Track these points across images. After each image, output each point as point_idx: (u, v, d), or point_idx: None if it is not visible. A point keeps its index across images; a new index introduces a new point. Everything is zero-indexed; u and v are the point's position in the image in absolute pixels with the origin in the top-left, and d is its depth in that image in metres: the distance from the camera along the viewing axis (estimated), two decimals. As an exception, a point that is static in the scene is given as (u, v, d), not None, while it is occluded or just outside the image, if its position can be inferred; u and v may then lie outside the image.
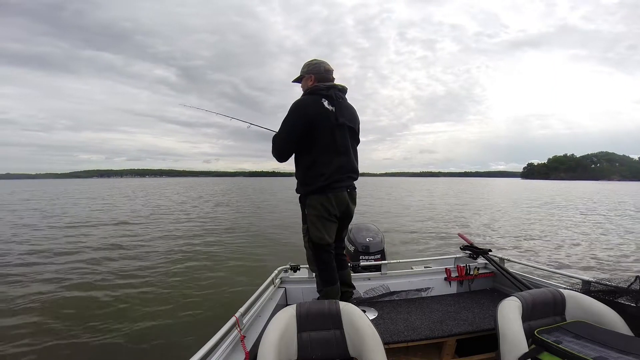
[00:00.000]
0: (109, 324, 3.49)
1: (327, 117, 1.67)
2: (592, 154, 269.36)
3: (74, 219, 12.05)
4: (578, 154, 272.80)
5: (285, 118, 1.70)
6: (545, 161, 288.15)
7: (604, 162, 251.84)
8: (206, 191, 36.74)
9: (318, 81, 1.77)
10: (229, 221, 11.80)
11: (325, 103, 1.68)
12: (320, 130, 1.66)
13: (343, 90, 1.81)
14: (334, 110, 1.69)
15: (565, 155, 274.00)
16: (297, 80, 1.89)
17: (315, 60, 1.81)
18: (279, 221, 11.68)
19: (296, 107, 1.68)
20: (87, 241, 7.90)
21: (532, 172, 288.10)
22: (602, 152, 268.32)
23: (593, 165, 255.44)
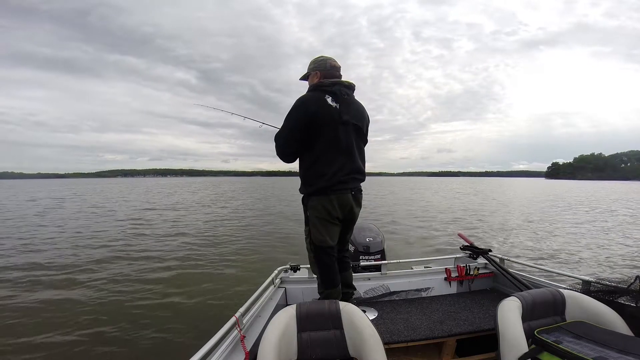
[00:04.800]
0: (106, 323, 3.46)
1: (329, 114, 1.61)
2: (621, 153, 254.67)
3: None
4: (606, 153, 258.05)
5: (286, 115, 1.66)
6: (571, 160, 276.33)
7: (635, 162, 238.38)
8: (223, 190, 37.27)
9: (323, 77, 1.71)
10: (232, 219, 11.94)
11: (329, 100, 1.62)
12: (322, 127, 1.60)
13: (350, 86, 1.74)
14: (338, 107, 1.63)
15: (592, 155, 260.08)
16: (304, 78, 1.84)
17: (321, 56, 1.76)
18: (284, 220, 11.81)
19: (297, 104, 1.64)
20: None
21: (557, 171, 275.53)
22: (632, 151, 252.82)
23: (623, 165, 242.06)
